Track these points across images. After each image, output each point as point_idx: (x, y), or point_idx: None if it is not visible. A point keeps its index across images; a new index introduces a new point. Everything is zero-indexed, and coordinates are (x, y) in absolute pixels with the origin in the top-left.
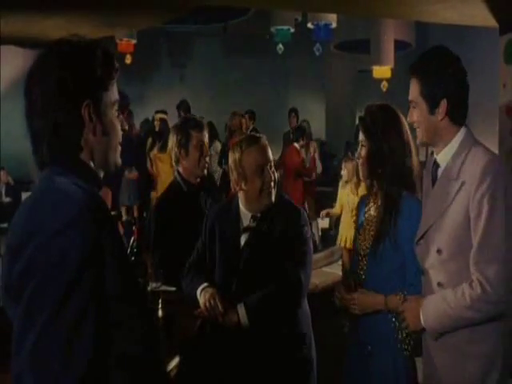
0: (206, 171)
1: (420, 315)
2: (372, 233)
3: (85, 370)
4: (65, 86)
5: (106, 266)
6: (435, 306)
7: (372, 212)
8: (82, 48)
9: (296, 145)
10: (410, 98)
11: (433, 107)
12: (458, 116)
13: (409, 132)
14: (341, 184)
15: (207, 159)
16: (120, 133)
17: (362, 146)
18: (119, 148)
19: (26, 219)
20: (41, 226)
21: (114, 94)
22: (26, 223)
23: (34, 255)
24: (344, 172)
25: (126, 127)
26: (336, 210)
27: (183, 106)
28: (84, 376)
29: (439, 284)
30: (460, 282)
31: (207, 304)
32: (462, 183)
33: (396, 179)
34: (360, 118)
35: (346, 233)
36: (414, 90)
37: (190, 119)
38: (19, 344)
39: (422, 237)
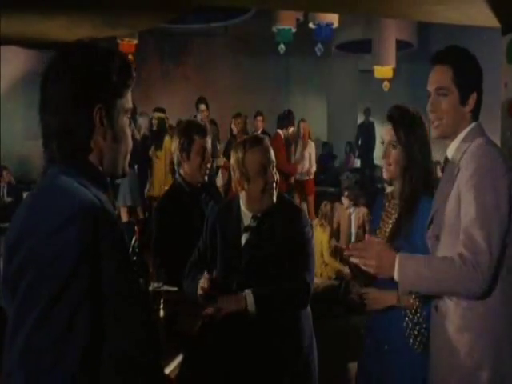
0: (206, 178)
1: (394, 266)
2: (387, 233)
3: (76, 369)
4: (79, 88)
5: (105, 265)
6: (416, 265)
7: (390, 212)
8: (100, 52)
9: (280, 131)
10: (440, 85)
11: (464, 98)
12: (478, 111)
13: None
14: (315, 223)
15: (208, 165)
16: (131, 141)
17: (393, 146)
18: (128, 157)
19: (25, 216)
20: (39, 223)
21: (127, 101)
22: (24, 220)
23: (31, 252)
24: (324, 216)
25: (137, 136)
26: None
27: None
28: (74, 375)
29: None
30: None
31: (201, 292)
32: (458, 171)
33: (420, 180)
34: (392, 119)
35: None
36: (446, 77)
37: (194, 123)
38: (13, 339)
39: (428, 228)
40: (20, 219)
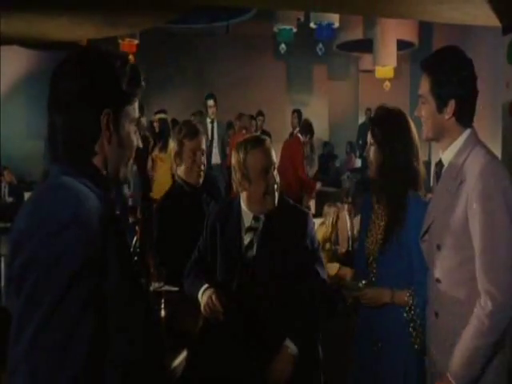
0: (200, 180)
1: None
2: (380, 235)
3: (80, 369)
4: (90, 90)
5: (109, 266)
6: (460, 355)
7: (379, 214)
8: (113, 59)
9: (300, 136)
10: (420, 92)
11: (441, 106)
12: (465, 117)
13: (416, 134)
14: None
15: (202, 167)
16: (134, 149)
17: (371, 146)
18: (131, 164)
19: (28, 215)
20: (43, 222)
21: (135, 110)
22: (28, 219)
23: (35, 251)
24: (325, 216)
25: (141, 145)
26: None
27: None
28: (79, 375)
29: (437, 280)
30: (455, 279)
31: (207, 307)
32: (461, 182)
33: (403, 180)
34: (370, 120)
35: None
36: (425, 86)
37: (184, 126)
38: (17, 339)
39: (425, 233)
40: (22, 220)
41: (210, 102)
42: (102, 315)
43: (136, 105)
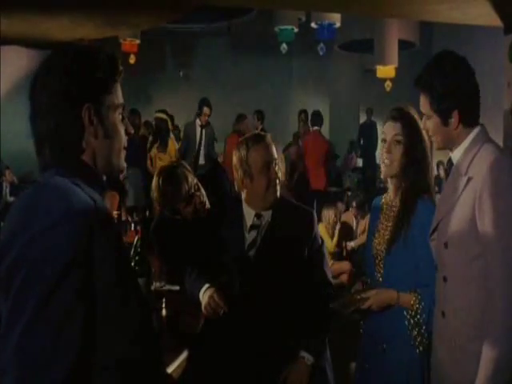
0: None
1: None
2: (387, 236)
3: (68, 370)
4: (67, 90)
5: (100, 267)
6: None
7: (387, 215)
8: (84, 52)
9: (318, 128)
10: (422, 110)
11: (445, 119)
12: (471, 120)
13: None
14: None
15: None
16: (124, 137)
17: (397, 142)
18: (124, 152)
19: (16, 216)
20: (30, 223)
21: (117, 97)
22: (16, 220)
23: (21, 252)
24: (325, 219)
25: (132, 131)
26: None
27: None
28: (67, 376)
29: (444, 278)
30: (463, 277)
31: (208, 307)
32: (469, 179)
33: (420, 180)
34: (399, 116)
35: None
36: (425, 104)
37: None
38: (5, 340)
39: (433, 232)
40: (12, 219)
41: (206, 110)
42: (93, 315)
43: (118, 91)
